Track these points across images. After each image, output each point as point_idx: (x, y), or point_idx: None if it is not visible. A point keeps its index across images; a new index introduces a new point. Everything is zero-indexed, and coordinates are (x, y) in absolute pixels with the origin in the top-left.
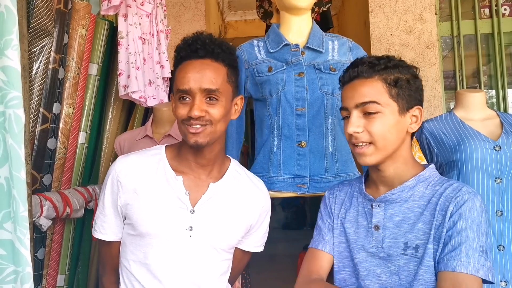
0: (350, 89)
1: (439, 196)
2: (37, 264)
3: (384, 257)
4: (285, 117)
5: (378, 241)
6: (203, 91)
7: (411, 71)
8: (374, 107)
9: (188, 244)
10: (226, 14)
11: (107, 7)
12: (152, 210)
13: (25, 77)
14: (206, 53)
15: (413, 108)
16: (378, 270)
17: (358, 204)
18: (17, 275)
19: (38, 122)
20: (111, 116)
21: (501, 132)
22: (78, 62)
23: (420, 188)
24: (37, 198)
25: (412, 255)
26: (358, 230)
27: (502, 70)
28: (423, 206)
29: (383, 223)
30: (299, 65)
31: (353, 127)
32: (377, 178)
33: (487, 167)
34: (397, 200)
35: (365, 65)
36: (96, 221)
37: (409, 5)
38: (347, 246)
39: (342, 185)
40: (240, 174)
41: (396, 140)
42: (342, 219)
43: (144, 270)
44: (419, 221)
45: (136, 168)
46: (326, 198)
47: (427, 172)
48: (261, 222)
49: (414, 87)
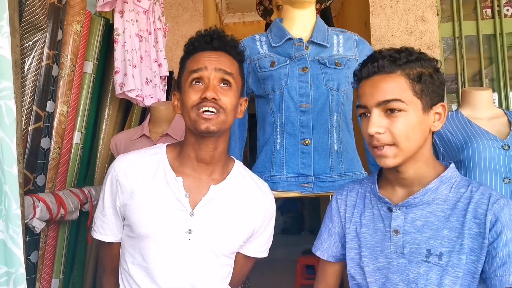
0: (370, 85)
1: (466, 201)
2: (30, 267)
3: (404, 263)
4: (289, 114)
5: (397, 246)
6: (218, 71)
7: (432, 64)
8: (398, 105)
9: (187, 248)
10: (225, 16)
11: (103, 3)
12: (150, 211)
13: (17, 72)
14: (220, 45)
15: (437, 105)
16: (396, 278)
17: (372, 206)
18: (9, 277)
19: (31, 120)
20: (107, 115)
21: (509, 131)
22: (72, 60)
23: (443, 191)
24: (29, 199)
25: (435, 263)
26: (375, 235)
27: (504, 72)
28: (447, 210)
29: (403, 228)
30: (303, 59)
31: (374, 127)
32: (394, 179)
33: (495, 167)
34: (418, 204)
35: (386, 59)
36: (95, 221)
37: (410, 6)
38: (359, 252)
39: (353, 184)
40: (244, 177)
41: (419, 140)
42: (356, 223)
43: (143, 273)
44: (444, 228)
45: (136, 167)
46: (334, 200)
47: (449, 173)
48: (265, 227)
49: (438, 81)
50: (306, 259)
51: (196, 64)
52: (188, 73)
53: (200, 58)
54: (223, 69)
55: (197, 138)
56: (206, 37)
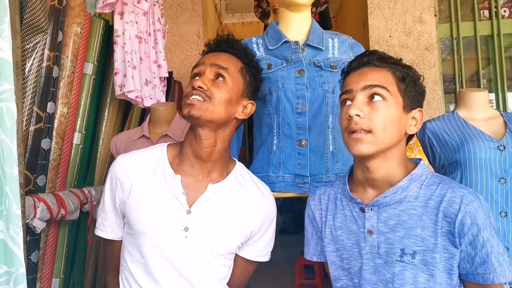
0: (358, 74)
1: (438, 199)
2: (31, 267)
3: (380, 263)
4: (285, 116)
5: (373, 247)
6: (213, 65)
7: (416, 76)
8: (382, 92)
9: (184, 245)
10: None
11: (103, 4)
12: (148, 208)
13: (18, 74)
14: (227, 47)
15: (415, 109)
16: (375, 278)
17: (343, 207)
18: (10, 276)
19: (32, 121)
20: (107, 116)
21: (505, 132)
22: (73, 61)
23: (413, 188)
24: (30, 199)
25: (409, 262)
26: (350, 236)
27: (501, 72)
28: (419, 208)
29: (377, 228)
30: (299, 62)
31: (355, 109)
32: (365, 179)
33: (491, 167)
34: (390, 203)
35: (376, 55)
36: (97, 219)
37: (408, 7)
38: (339, 255)
39: (325, 187)
40: (244, 178)
41: (395, 135)
42: (331, 226)
43: (142, 271)
44: (417, 226)
45: (135, 165)
46: (308, 205)
47: (419, 170)
48: (265, 230)
49: (420, 90)
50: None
51: (197, 62)
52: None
53: (203, 57)
54: (218, 64)
55: (194, 133)
56: (216, 42)
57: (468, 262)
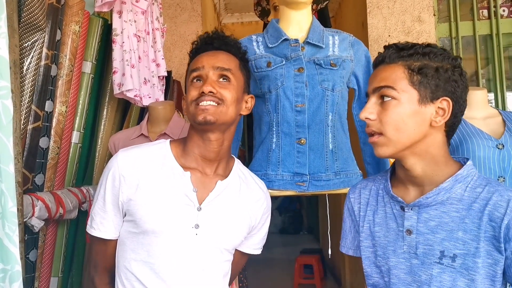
0: (373, 74)
1: (483, 203)
2: (29, 266)
3: (417, 264)
4: (284, 114)
5: (411, 247)
6: (216, 68)
7: (445, 61)
8: (389, 92)
9: (194, 243)
10: (223, 16)
11: (101, 3)
12: (158, 206)
13: (16, 72)
14: (221, 45)
15: (439, 99)
16: (409, 279)
17: (385, 204)
18: (5, 274)
19: (30, 120)
20: (105, 115)
21: (503, 130)
22: (71, 60)
23: (458, 190)
24: (28, 198)
25: (448, 264)
26: (388, 234)
27: (501, 72)
28: (462, 211)
29: (417, 228)
30: (298, 60)
31: (365, 112)
32: (405, 177)
33: (490, 166)
34: (432, 204)
35: (391, 50)
36: (94, 218)
37: (407, 6)
38: (374, 251)
39: (366, 181)
40: (244, 174)
41: (413, 132)
42: (370, 222)
43: (146, 270)
44: (459, 229)
45: (140, 161)
46: (348, 199)
47: (464, 171)
48: (263, 223)
49: (445, 77)
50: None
51: (195, 64)
52: (189, 74)
53: (200, 57)
54: (221, 66)
55: (201, 135)
56: (207, 39)
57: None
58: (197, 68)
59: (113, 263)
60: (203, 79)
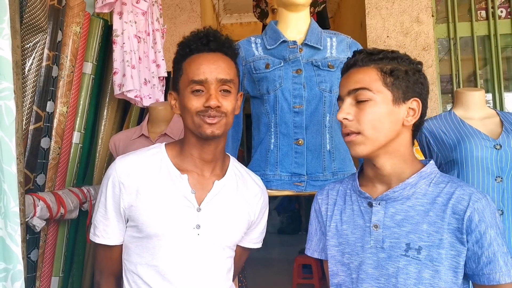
0: (345, 78)
1: (447, 197)
2: (31, 265)
3: (384, 258)
4: (283, 115)
5: (377, 241)
6: (219, 81)
7: (412, 65)
8: (365, 93)
9: (196, 243)
10: (222, 17)
11: (102, 4)
12: (159, 210)
13: (18, 73)
14: (217, 46)
15: (410, 99)
16: (377, 273)
17: (352, 202)
18: (7, 273)
19: (31, 121)
20: (106, 116)
21: (501, 131)
22: (72, 60)
23: (422, 186)
24: (30, 198)
25: (414, 257)
26: (355, 231)
27: (498, 73)
28: (427, 204)
29: (383, 222)
30: (296, 62)
31: (343, 113)
32: (374, 175)
33: (487, 166)
34: (398, 198)
35: (362, 54)
36: (97, 226)
37: (405, 7)
38: (340, 249)
39: (334, 183)
40: (240, 171)
41: (388, 131)
42: (337, 220)
43: (152, 272)
44: (424, 222)
45: (138, 168)
46: (315, 200)
47: (428, 168)
48: (261, 217)
49: (413, 79)
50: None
51: (196, 74)
52: (188, 81)
53: (199, 65)
54: (224, 78)
55: (199, 140)
56: (202, 39)
57: (474, 261)
58: (200, 81)
59: (118, 267)
60: (205, 90)
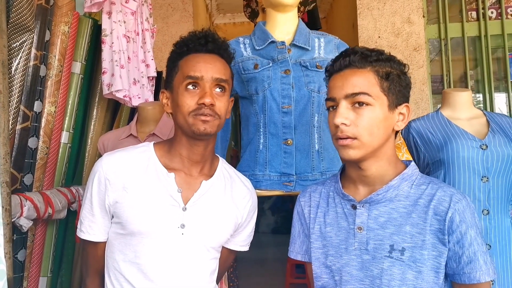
0: (340, 78)
1: (428, 198)
2: (18, 266)
3: (368, 260)
4: (271, 115)
5: (361, 243)
6: (215, 80)
7: (401, 67)
8: (366, 98)
9: (180, 242)
10: (215, 16)
11: (91, 3)
12: (143, 208)
13: (4, 73)
14: (215, 48)
15: (402, 105)
16: (361, 275)
17: (335, 205)
18: None
19: (19, 120)
20: (95, 116)
21: (487, 131)
22: (60, 60)
23: (404, 188)
24: (17, 198)
25: (397, 258)
26: (339, 233)
27: (489, 73)
28: (409, 206)
29: (367, 224)
30: (285, 62)
31: (341, 118)
32: (357, 177)
33: (473, 166)
34: (381, 201)
35: (358, 55)
36: (83, 221)
37: (397, 8)
38: (324, 252)
39: (315, 185)
40: (228, 172)
41: (382, 136)
42: (320, 223)
43: (134, 270)
44: (407, 223)
45: (125, 164)
46: (298, 202)
47: (409, 170)
48: (249, 220)
49: (404, 83)
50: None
51: (193, 70)
52: (183, 77)
53: (196, 63)
54: (219, 78)
55: (189, 139)
56: (200, 39)
57: (455, 261)
58: (196, 77)
59: (103, 265)
60: (200, 88)
